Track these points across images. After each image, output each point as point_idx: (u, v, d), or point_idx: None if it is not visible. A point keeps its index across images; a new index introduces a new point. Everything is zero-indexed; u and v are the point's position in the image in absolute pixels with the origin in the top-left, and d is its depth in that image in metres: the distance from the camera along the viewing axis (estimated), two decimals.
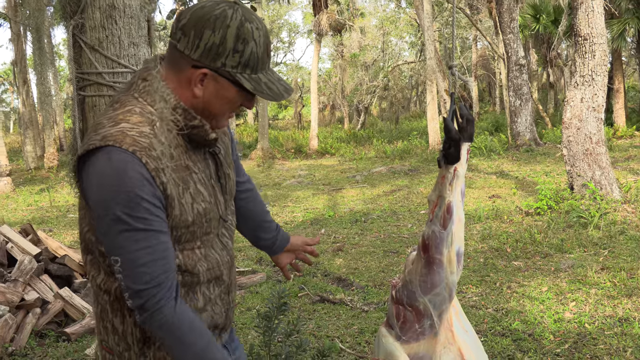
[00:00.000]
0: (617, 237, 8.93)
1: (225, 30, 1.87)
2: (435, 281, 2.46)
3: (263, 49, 1.95)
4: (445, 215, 2.45)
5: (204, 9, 1.89)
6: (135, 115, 1.91)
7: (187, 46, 1.90)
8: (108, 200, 1.83)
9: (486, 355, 2.60)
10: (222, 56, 1.89)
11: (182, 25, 1.90)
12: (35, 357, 5.99)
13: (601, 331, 5.71)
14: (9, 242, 7.77)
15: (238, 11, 1.91)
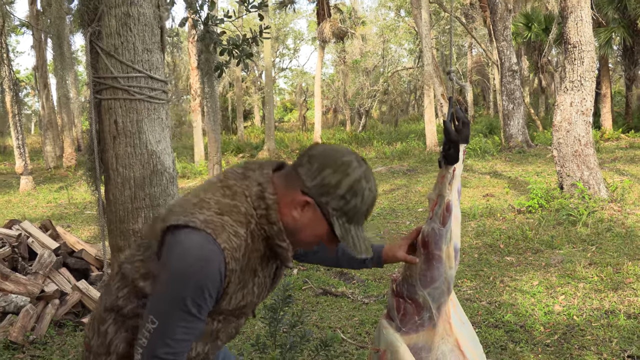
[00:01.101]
0: (604, 234, 8.91)
1: (344, 177, 1.93)
2: (434, 276, 2.46)
3: (366, 208, 2.00)
4: (444, 213, 2.44)
5: (337, 152, 1.96)
6: (240, 214, 1.94)
7: (307, 173, 1.95)
8: (180, 279, 1.85)
9: (481, 346, 2.59)
10: (330, 195, 1.93)
11: (311, 154, 1.97)
12: (55, 345, 5.99)
13: (589, 323, 5.70)
14: (29, 237, 7.78)
15: (362, 167, 1.98)
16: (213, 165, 18.68)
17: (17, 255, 7.34)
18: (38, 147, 36.13)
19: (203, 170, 22.64)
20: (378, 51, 44.69)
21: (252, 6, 5.70)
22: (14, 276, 6.72)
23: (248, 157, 28.15)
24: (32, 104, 56.86)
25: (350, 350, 5.44)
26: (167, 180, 3.46)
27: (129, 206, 3.37)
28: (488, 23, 25.10)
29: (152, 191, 3.39)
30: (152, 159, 3.39)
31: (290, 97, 66.71)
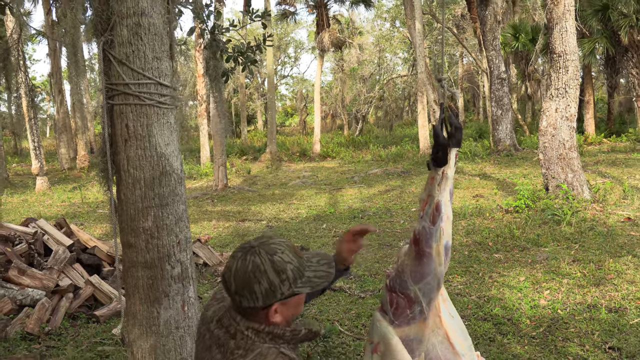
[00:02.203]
0: (587, 232, 8.92)
1: (266, 276, 1.93)
2: (425, 272, 2.46)
3: (296, 259, 2.01)
4: (434, 213, 2.45)
5: (239, 271, 1.94)
6: (267, 356, 1.96)
7: (250, 301, 1.95)
8: None
9: (469, 338, 2.59)
10: (277, 291, 1.95)
11: (234, 290, 1.96)
12: (69, 336, 6.00)
13: (572, 316, 5.71)
14: (45, 234, 7.79)
15: (261, 253, 1.96)
16: (218, 167, 18.68)
17: (34, 252, 7.35)
18: (53, 149, 36.09)
19: (209, 171, 22.64)
20: (374, 60, 44.72)
21: (255, 16, 5.71)
22: (31, 271, 6.73)
23: (251, 160, 28.14)
24: (47, 108, 56.84)
25: (347, 342, 5.45)
26: (175, 181, 3.47)
27: (139, 205, 3.38)
28: (478, 33, 25.11)
29: (161, 191, 3.40)
30: (161, 160, 3.39)
31: (291, 103, 66.70)
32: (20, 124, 22.70)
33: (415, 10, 25.61)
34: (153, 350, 3.47)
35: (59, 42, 25.39)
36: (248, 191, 18.02)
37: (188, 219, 3.60)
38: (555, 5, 11.37)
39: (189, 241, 3.59)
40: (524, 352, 4.95)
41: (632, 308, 5.81)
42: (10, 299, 6.38)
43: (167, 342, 3.47)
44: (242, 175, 22.94)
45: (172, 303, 3.47)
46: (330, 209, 13.46)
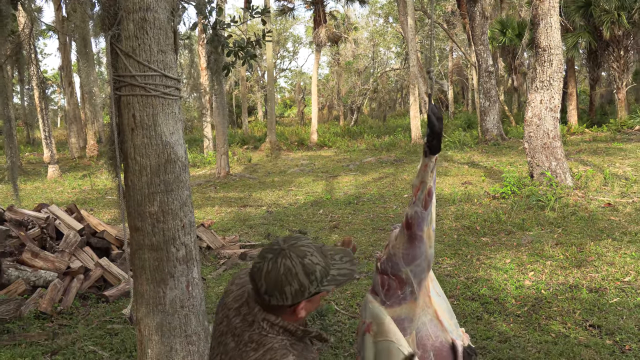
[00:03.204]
0: (569, 217, 8.94)
1: (297, 278, 1.92)
2: (417, 254, 2.47)
3: (323, 260, 2.00)
4: (426, 198, 2.45)
5: (270, 273, 1.93)
6: (277, 351, 1.97)
7: (279, 300, 1.95)
8: None
9: (454, 315, 2.61)
10: (305, 291, 1.95)
11: (264, 291, 1.94)
12: (80, 315, 6.01)
13: (555, 296, 5.73)
14: (57, 219, 7.79)
15: (292, 256, 1.95)
16: (220, 155, 18.65)
17: (46, 236, 7.35)
18: (64, 139, 36.04)
19: (212, 160, 22.61)
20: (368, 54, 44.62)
21: (255, 12, 5.69)
22: (43, 254, 6.74)
23: (252, 149, 28.11)
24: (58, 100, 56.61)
25: (343, 320, 5.47)
26: (179, 168, 3.46)
27: (145, 191, 3.37)
28: (467, 29, 25.04)
29: (167, 178, 3.39)
30: (167, 149, 3.39)
31: (290, 95, 66.55)
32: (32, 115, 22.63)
33: (407, 6, 25.55)
34: (159, 328, 3.48)
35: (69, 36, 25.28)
36: (249, 178, 18.01)
37: (192, 204, 3.60)
38: (540, 2, 11.34)
39: (193, 225, 3.59)
40: (510, 330, 4.98)
41: (611, 288, 5.83)
42: (24, 280, 6.39)
43: (173, 320, 3.48)
44: (243, 163, 22.92)
45: (177, 283, 3.47)
46: (326, 195, 13.46)
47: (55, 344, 5.24)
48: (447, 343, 2.47)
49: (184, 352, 3.53)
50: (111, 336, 5.39)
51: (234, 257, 8.01)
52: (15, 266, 6.52)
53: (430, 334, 2.46)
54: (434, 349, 2.45)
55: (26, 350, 5.10)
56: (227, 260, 7.99)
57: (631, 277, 6.11)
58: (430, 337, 2.46)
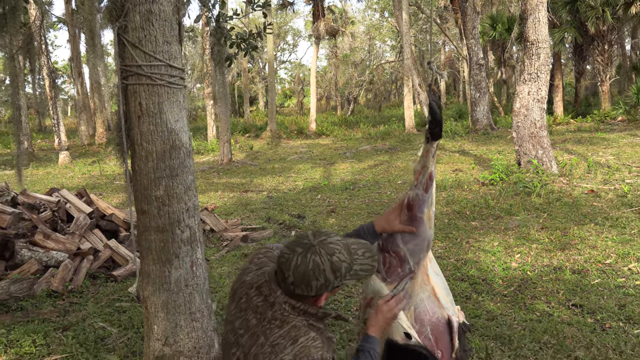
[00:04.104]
0: (554, 203, 8.96)
1: (324, 274, 1.93)
2: (416, 234, 2.48)
3: (349, 256, 2.00)
4: (427, 182, 2.46)
5: (299, 267, 1.93)
6: (300, 328, 1.98)
7: (304, 291, 1.95)
8: None
9: (451, 293, 2.62)
10: (330, 286, 1.96)
11: (290, 282, 1.95)
12: (89, 293, 6.03)
13: (540, 277, 5.75)
14: (67, 203, 7.79)
15: (321, 253, 1.95)
16: (223, 143, 18.62)
17: (57, 218, 7.35)
18: (74, 127, 35.94)
19: (215, 147, 22.58)
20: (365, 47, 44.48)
21: (257, 5, 5.66)
22: (55, 236, 6.74)
23: (253, 137, 28.06)
24: (68, 90, 56.40)
25: (339, 299, 5.49)
26: (184, 154, 3.46)
27: (151, 176, 3.37)
28: (459, 23, 24.96)
29: (171, 163, 3.39)
30: (172, 135, 3.38)
31: (290, 86, 66.35)
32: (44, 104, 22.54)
33: (402, 1, 25.41)
34: (165, 306, 3.49)
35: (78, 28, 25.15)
36: (250, 165, 18.00)
37: (196, 188, 3.60)
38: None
39: (197, 208, 3.59)
40: (497, 309, 5.00)
41: (593, 270, 5.85)
42: (37, 260, 6.39)
43: (178, 298, 3.49)
44: (245, 150, 22.89)
45: (182, 263, 3.48)
46: (324, 181, 13.46)
47: (66, 320, 5.26)
48: (444, 319, 2.48)
49: (188, 328, 3.54)
50: (119, 313, 5.41)
51: (236, 240, 8.02)
52: (28, 247, 6.53)
53: (427, 310, 2.47)
54: (431, 324, 2.46)
55: (39, 326, 5.11)
56: (230, 242, 8.01)
57: (612, 259, 6.14)
58: (428, 313, 2.47)
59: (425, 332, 2.45)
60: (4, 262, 6.32)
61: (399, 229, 2.49)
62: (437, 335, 2.45)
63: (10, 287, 5.73)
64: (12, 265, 6.35)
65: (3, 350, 4.65)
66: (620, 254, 6.26)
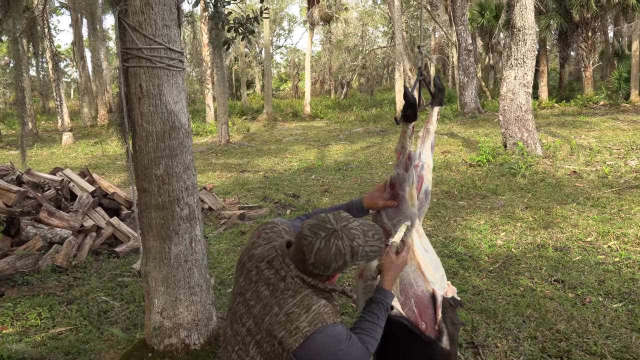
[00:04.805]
0: (538, 183, 8.98)
1: (344, 258, 1.96)
2: (398, 211, 2.48)
3: (364, 240, 2.01)
4: (406, 161, 2.45)
5: (322, 251, 1.94)
6: (311, 297, 2.01)
7: (321, 271, 1.98)
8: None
9: (442, 269, 2.62)
10: (346, 267, 2.00)
11: (311, 262, 1.96)
12: (93, 269, 6.02)
13: (524, 254, 5.78)
14: (71, 182, 7.76)
15: (343, 238, 1.96)
16: (221, 125, 18.54)
17: (61, 197, 7.32)
18: (77, 109, 35.66)
19: (213, 129, 22.48)
20: (358, 32, 44.16)
21: None
22: (59, 213, 6.72)
23: (250, 119, 27.93)
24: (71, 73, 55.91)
25: None
26: (183, 135, 3.43)
27: (152, 155, 3.35)
28: (449, 10, 24.79)
29: (171, 143, 3.37)
30: (171, 116, 3.35)
31: (285, 70, 65.91)
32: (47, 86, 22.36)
33: None
34: (165, 280, 3.49)
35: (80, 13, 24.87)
36: (247, 146, 17.94)
37: (195, 168, 3.59)
38: None
39: (196, 187, 3.58)
40: (482, 284, 5.02)
41: (574, 247, 5.89)
42: (42, 237, 6.38)
43: (177, 273, 3.49)
44: (242, 132, 22.81)
45: (181, 240, 3.48)
46: (318, 162, 13.44)
47: (70, 294, 5.26)
48: (428, 292, 2.49)
49: (188, 302, 3.55)
50: (121, 288, 5.41)
51: (234, 218, 8.02)
52: (33, 224, 6.51)
53: (412, 283, 2.48)
54: (414, 296, 2.47)
55: (44, 300, 5.12)
56: (227, 220, 8.00)
57: (592, 237, 6.17)
58: (413, 286, 2.48)
59: (410, 304, 2.46)
60: (10, 239, 6.31)
61: (382, 204, 2.51)
62: (421, 307, 2.46)
63: (16, 263, 5.72)
64: (18, 242, 6.34)
65: (10, 322, 4.65)
66: (601, 232, 6.29)
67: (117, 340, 4.17)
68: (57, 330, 4.47)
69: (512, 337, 3.97)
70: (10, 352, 3.98)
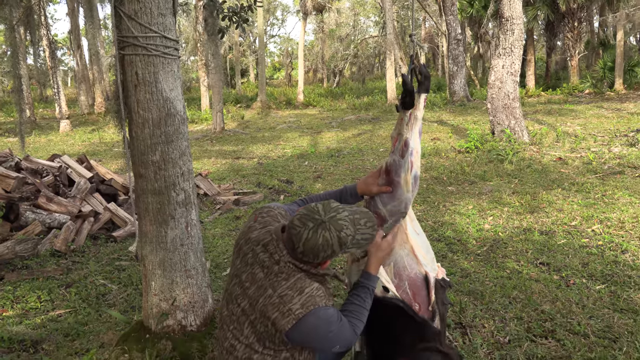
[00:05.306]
0: (525, 169, 9.01)
1: (332, 248, 1.98)
2: (393, 197, 2.48)
3: (354, 229, 2.03)
4: (403, 148, 2.45)
5: (309, 241, 1.96)
6: (305, 280, 2.04)
7: (310, 259, 2.01)
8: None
9: (432, 252, 2.64)
10: (334, 255, 2.02)
11: (300, 251, 1.99)
12: (91, 253, 6.01)
13: (510, 238, 5.81)
14: (68, 168, 7.72)
15: (331, 229, 1.97)
16: (216, 113, 18.46)
17: (59, 183, 7.29)
18: (74, 97, 35.40)
19: (208, 117, 22.39)
20: (350, 22, 43.98)
21: None
22: (57, 199, 6.69)
23: (245, 107, 27.82)
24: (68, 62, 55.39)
25: None
26: (178, 122, 3.42)
27: (148, 142, 3.33)
28: (439, 0, 24.70)
29: (167, 130, 3.35)
30: (167, 103, 3.33)
31: (279, 59, 65.60)
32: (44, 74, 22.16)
33: None
34: (162, 264, 3.49)
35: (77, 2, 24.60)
36: (242, 134, 17.89)
37: (190, 154, 3.57)
38: None
39: (191, 173, 3.57)
40: (470, 267, 5.05)
41: (559, 231, 5.92)
42: (40, 222, 6.36)
43: (174, 256, 3.49)
44: (236, 120, 22.73)
45: (177, 224, 3.47)
46: (311, 149, 13.42)
47: (69, 278, 5.25)
48: (421, 275, 2.50)
49: (184, 285, 3.55)
50: (119, 271, 5.41)
51: (228, 203, 8.01)
52: (32, 210, 6.48)
53: (406, 266, 2.49)
54: (408, 279, 2.48)
55: (43, 283, 5.11)
56: (222, 205, 7.99)
57: (577, 221, 6.21)
58: (406, 269, 2.49)
59: (404, 286, 2.47)
60: (9, 224, 6.28)
61: (376, 190, 2.51)
62: (414, 289, 2.48)
63: (16, 247, 5.70)
64: (17, 227, 6.31)
65: (10, 305, 4.64)
66: (585, 217, 6.33)
67: (116, 322, 4.18)
68: (57, 313, 4.47)
69: (498, 318, 4.00)
70: (11, 334, 3.98)
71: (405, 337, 2.45)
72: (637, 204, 6.72)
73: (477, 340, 3.69)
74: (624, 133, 11.77)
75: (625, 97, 20.36)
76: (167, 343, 3.47)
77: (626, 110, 16.22)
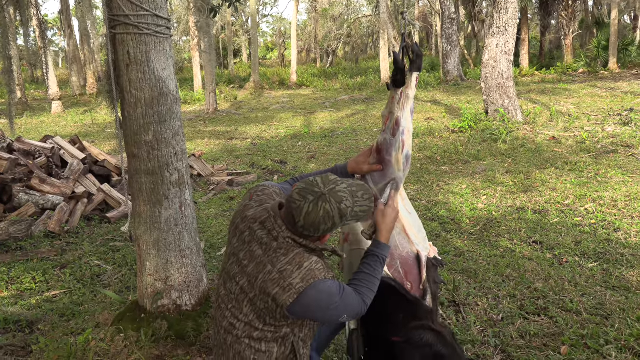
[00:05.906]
0: (518, 149, 9.02)
1: (332, 220, 1.97)
2: (385, 176, 2.48)
3: (353, 201, 2.02)
4: (394, 127, 2.43)
5: (310, 214, 1.96)
6: (304, 255, 2.03)
7: (311, 233, 2.00)
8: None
9: (424, 231, 2.64)
10: (334, 228, 2.01)
11: (301, 225, 1.98)
12: (85, 234, 6.01)
13: (504, 217, 5.84)
14: (61, 149, 7.67)
15: (331, 201, 1.96)
16: (209, 93, 18.35)
17: (52, 164, 7.25)
18: (65, 78, 35.06)
19: (201, 97, 22.25)
20: (343, 1, 43.63)
21: None
22: (50, 180, 6.66)
23: (238, 88, 27.65)
24: (59, 42, 54.78)
25: None
26: (171, 101, 3.39)
27: (140, 121, 3.31)
28: None
29: (159, 109, 3.32)
30: (159, 83, 3.30)
31: (272, 39, 65.09)
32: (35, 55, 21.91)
33: None
34: (156, 244, 3.48)
35: None
36: (235, 114, 17.80)
37: (184, 134, 3.55)
38: None
39: (185, 153, 3.55)
40: (464, 246, 5.08)
41: (552, 210, 5.95)
42: (34, 203, 6.33)
43: (168, 236, 3.49)
44: (229, 100, 22.61)
45: (171, 204, 3.46)
46: (305, 129, 13.38)
47: (63, 259, 5.25)
48: (413, 254, 2.51)
49: (179, 264, 3.55)
50: (113, 252, 5.41)
51: (222, 184, 8.00)
52: (25, 191, 6.45)
53: (397, 245, 2.49)
54: (400, 258, 2.49)
55: (38, 264, 5.10)
56: (216, 186, 7.98)
57: (570, 200, 6.24)
58: (398, 248, 2.49)
59: (395, 265, 2.48)
60: (3, 205, 6.26)
61: (367, 169, 2.50)
62: (406, 268, 2.48)
63: (10, 229, 5.69)
64: (10, 208, 6.29)
65: (5, 286, 4.64)
66: (578, 196, 6.36)
67: (111, 302, 4.18)
68: (52, 294, 4.47)
69: (492, 296, 4.03)
70: (7, 315, 3.98)
71: (398, 315, 2.46)
72: (629, 182, 6.75)
73: (470, 318, 3.73)
74: (618, 112, 11.78)
75: (619, 76, 20.35)
76: (162, 322, 3.49)
77: (620, 90, 16.23)
